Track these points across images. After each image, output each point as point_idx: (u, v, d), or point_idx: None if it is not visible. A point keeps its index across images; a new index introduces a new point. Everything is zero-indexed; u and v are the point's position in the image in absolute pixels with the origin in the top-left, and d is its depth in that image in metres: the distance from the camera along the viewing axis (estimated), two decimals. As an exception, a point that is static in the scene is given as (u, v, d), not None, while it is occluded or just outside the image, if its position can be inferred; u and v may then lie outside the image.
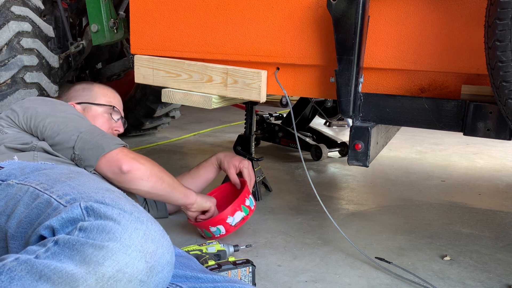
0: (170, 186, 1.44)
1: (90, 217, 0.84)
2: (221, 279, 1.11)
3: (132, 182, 1.34)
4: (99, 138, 1.32)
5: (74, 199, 0.92)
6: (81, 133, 1.32)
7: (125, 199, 0.93)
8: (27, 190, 1.01)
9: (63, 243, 0.79)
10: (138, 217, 0.85)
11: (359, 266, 1.47)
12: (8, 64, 2.15)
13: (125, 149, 1.36)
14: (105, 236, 0.79)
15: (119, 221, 0.82)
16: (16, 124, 1.37)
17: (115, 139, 1.37)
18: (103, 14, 2.24)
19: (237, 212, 1.60)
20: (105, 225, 0.80)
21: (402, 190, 2.30)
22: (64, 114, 1.38)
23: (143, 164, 1.36)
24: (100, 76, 3.03)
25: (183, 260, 1.19)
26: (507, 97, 1.05)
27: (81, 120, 1.40)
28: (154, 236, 0.83)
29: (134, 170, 1.32)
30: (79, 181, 1.02)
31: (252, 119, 2.13)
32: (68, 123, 1.35)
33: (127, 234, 0.80)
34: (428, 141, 3.47)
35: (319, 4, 1.38)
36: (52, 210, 0.92)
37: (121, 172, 1.31)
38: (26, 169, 1.12)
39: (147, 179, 1.35)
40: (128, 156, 1.33)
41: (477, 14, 1.22)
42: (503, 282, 1.40)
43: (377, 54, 1.36)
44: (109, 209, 0.84)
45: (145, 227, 0.83)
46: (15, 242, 0.96)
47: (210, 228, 1.59)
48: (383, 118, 1.34)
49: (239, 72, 1.53)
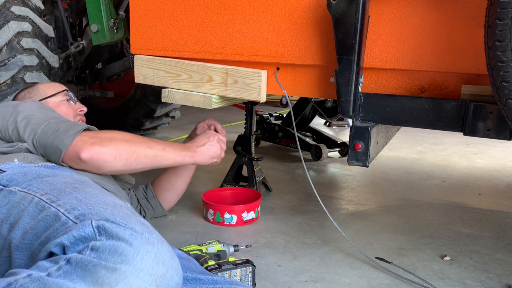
0: (149, 159, 1.34)
1: (101, 237, 0.83)
2: (222, 280, 1.11)
3: (100, 168, 1.27)
4: (53, 138, 1.24)
5: (83, 215, 0.91)
6: (36, 137, 1.27)
7: (134, 217, 0.92)
8: (32, 200, 0.99)
9: (76, 262, 0.79)
10: (149, 239, 0.84)
11: (359, 266, 1.47)
12: (8, 64, 2.15)
13: (84, 135, 1.26)
14: (117, 258, 0.79)
15: (131, 243, 0.81)
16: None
17: (70, 129, 1.26)
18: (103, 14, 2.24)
19: (251, 212, 1.80)
20: (117, 246, 0.80)
21: (402, 190, 2.30)
22: (22, 116, 1.31)
23: (105, 145, 1.25)
24: (100, 76, 3.04)
25: (183, 262, 1.19)
26: (507, 97, 1.05)
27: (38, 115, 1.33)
28: (164, 258, 0.83)
29: (96, 155, 1.23)
30: (85, 193, 1.01)
31: (252, 119, 2.13)
32: (26, 128, 1.29)
33: (139, 257, 0.80)
34: (428, 141, 3.47)
35: (319, 4, 1.38)
36: (60, 225, 0.91)
37: (82, 161, 1.23)
38: (28, 175, 1.10)
39: (114, 159, 1.27)
40: (86, 143, 1.23)
41: (477, 14, 1.22)
42: (503, 282, 1.40)
43: (377, 54, 1.35)
44: (120, 229, 0.84)
45: (156, 249, 0.83)
46: (20, 253, 0.95)
47: (225, 214, 1.74)
48: (383, 118, 1.34)
49: (239, 72, 1.53)
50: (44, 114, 1.35)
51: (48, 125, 1.28)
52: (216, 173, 2.39)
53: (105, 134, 1.30)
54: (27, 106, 1.36)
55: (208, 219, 1.82)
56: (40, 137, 1.26)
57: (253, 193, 1.95)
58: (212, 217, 1.80)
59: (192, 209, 1.95)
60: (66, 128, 1.26)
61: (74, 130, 1.25)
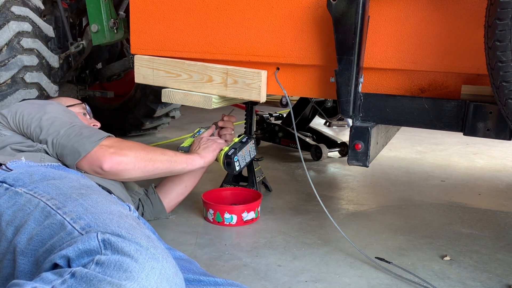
0: (165, 164, 1.42)
1: (107, 251, 0.83)
2: (223, 282, 1.12)
3: (119, 175, 1.33)
4: (75, 141, 1.28)
5: (89, 226, 0.91)
6: (58, 137, 1.30)
7: (140, 229, 0.92)
8: (38, 205, 0.99)
9: (80, 276, 0.78)
10: (154, 254, 0.84)
11: (359, 266, 1.47)
12: (8, 64, 2.15)
13: (105, 143, 1.30)
14: (122, 275, 0.78)
15: (136, 259, 0.81)
16: (9, 127, 1.37)
17: (93, 135, 1.30)
18: (103, 14, 2.24)
19: (251, 212, 1.81)
20: (122, 262, 0.80)
21: (402, 190, 2.30)
22: (48, 116, 1.35)
23: (125, 155, 1.31)
24: (100, 76, 3.04)
25: (185, 264, 1.20)
26: (507, 97, 1.05)
27: (63, 119, 1.37)
28: (168, 275, 0.83)
29: (116, 165, 1.29)
30: (91, 201, 1.01)
31: (252, 119, 2.13)
32: (49, 127, 1.32)
33: (144, 273, 0.79)
34: (428, 141, 3.47)
35: (319, 4, 1.38)
36: (66, 235, 0.91)
37: (103, 171, 1.29)
38: (34, 175, 1.10)
39: (133, 168, 1.33)
40: (107, 152, 1.28)
41: (477, 14, 1.22)
42: (503, 282, 1.40)
43: (377, 54, 1.36)
44: (126, 244, 0.83)
45: (161, 265, 0.83)
46: (24, 259, 0.94)
47: (225, 214, 1.75)
48: (383, 118, 1.34)
49: (239, 72, 1.53)
50: (69, 118, 1.39)
51: (72, 128, 1.32)
52: (216, 173, 2.39)
53: (124, 143, 1.35)
54: (54, 108, 1.40)
55: (208, 219, 1.83)
56: (62, 137, 1.29)
57: (253, 193, 1.95)
58: (212, 217, 1.80)
59: (192, 209, 1.95)
60: (89, 134, 1.30)
61: (96, 137, 1.29)
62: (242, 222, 1.79)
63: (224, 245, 1.62)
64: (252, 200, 1.86)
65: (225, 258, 1.52)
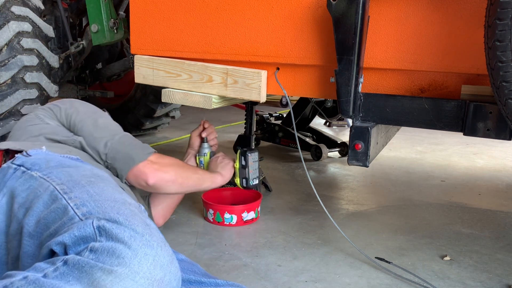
0: (195, 182, 1.52)
1: (101, 237, 0.83)
2: (224, 283, 1.14)
3: (159, 190, 1.43)
4: (129, 149, 1.36)
5: (89, 213, 0.92)
6: (113, 141, 1.36)
7: (139, 216, 0.92)
8: (47, 188, 1.00)
9: (73, 263, 0.79)
10: (148, 241, 0.84)
11: (359, 266, 1.47)
12: (8, 64, 2.15)
13: (152, 159, 1.39)
14: (114, 261, 0.78)
15: (130, 245, 0.81)
16: (57, 118, 1.41)
17: (144, 148, 1.41)
18: (103, 14, 2.24)
19: (251, 212, 1.82)
20: (115, 248, 0.80)
21: (402, 190, 2.30)
22: (103, 120, 1.43)
23: (167, 172, 1.41)
24: (100, 76, 3.04)
25: (186, 265, 1.21)
26: (507, 97, 1.05)
27: (116, 127, 1.45)
28: (162, 262, 0.83)
29: (159, 180, 1.38)
30: (97, 188, 1.02)
31: (252, 119, 2.13)
32: (104, 130, 1.39)
33: (136, 259, 0.80)
34: (428, 141, 3.47)
35: (319, 4, 1.38)
36: (67, 220, 0.91)
37: (148, 186, 1.38)
38: (51, 162, 1.11)
39: (172, 184, 1.43)
40: (152, 168, 1.37)
41: (477, 14, 1.21)
42: (503, 282, 1.40)
43: (377, 54, 1.35)
44: (121, 230, 0.84)
45: (155, 252, 0.83)
46: (30, 241, 0.95)
47: (225, 214, 1.77)
48: (383, 118, 1.34)
49: (239, 72, 1.53)
50: (120, 128, 1.47)
51: (125, 136, 1.41)
52: (216, 173, 2.39)
53: (165, 159, 1.45)
54: (107, 115, 1.49)
55: (208, 219, 1.83)
56: (117, 143, 1.36)
57: (253, 193, 1.95)
58: (212, 217, 1.80)
59: (192, 209, 1.95)
60: (142, 146, 1.41)
61: (148, 150, 1.40)
62: (242, 222, 1.80)
63: (224, 245, 1.62)
64: (252, 200, 1.87)
65: (225, 258, 1.52)
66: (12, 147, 1.21)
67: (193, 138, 1.82)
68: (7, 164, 1.10)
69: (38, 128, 1.36)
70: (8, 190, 1.04)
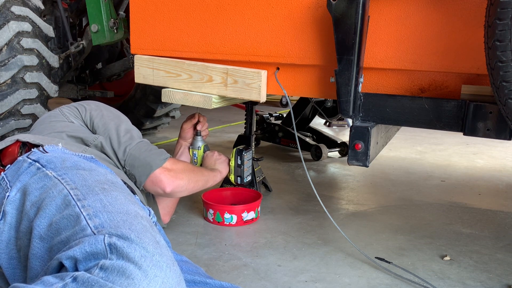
0: (202, 184, 1.60)
1: (112, 255, 0.83)
2: (229, 285, 1.14)
3: (174, 195, 1.50)
4: (147, 155, 1.41)
5: (102, 226, 0.92)
6: (131, 147, 1.41)
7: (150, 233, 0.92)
8: (61, 191, 1.00)
9: (82, 281, 0.78)
10: (158, 261, 0.84)
11: (359, 266, 1.47)
12: (8, 64, 2.15)
13: (167, 166, 1.43)
14: (124, 281, 0.78)
15: (140, 265, 0.81)
16: (81, 118, 1.45)
17: (161, 153, 1.44)
18: (103, 14, 2.24)
19: (251, 212, 1.82)
20: (125, 268, 0.80)
21: (402, 190, 2.30)
22: (125, 126, 1.46)
23: (182, 179, 1.47)
24: (100, 76, 3.04)
25: (191, 267, 1.22)
26: (507, 97, 1.05)
27: (136, 133, 1.49)
28: (171, 284, 0.83)
29: (175, 188, 1.45)
30: (111, 197, 1.01)
31: (252, 119, 2.13)
32: (125, 136, 1.43)
33: (146, 281, 0.80)
34: (428, 141, 3.47)
35: (319, 4, 1.38)
36: (80, 230, 0.91)
37: (164, 193, 1.45)
38: (66, 161, 1.11)
39: (185, 190, 1.50)
40: (169, 175, 1.43)
41: (477, 14, 1.21)
42: (503, 282, 1.40)
43: (377, 54, 1.35)
44: (132, 249, 0.84)
45: (164, 274, 0.83)
46: (41, 243, 0.95)
47: (225, 214, 1.78)
48: (383, 118, 1.34)
49: (239, 72, 1.53)
50: (139, 133, 1.51)
51: (142, 142, 1.46)
52: (216, 173, 2.39)
53: (178, 165, 1.50)
54: (128, 121, 1.53)
55: (208, 219, 1.83)
56: (134, 149, 1.41)
57: (253, 193, 1.95)
58: (212, 217, 1.80)
59: (192, 209, 1.95)
60: (157, 152, 1.45)
61: (163, 156, 1.44)
62: (242, 222, 1.80)
63: (224, 245, 1.62)
64: (252, 200, 1.87)
65: (225, 258, 1.52)
66: (31, 140, 1.22)
67: (185, 130, 1.85)
68: (22, 157, 1.11)
69: (62, 125, 1.39)
70: (22, 186, 1.04)
